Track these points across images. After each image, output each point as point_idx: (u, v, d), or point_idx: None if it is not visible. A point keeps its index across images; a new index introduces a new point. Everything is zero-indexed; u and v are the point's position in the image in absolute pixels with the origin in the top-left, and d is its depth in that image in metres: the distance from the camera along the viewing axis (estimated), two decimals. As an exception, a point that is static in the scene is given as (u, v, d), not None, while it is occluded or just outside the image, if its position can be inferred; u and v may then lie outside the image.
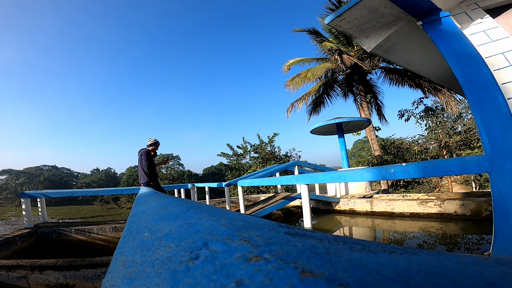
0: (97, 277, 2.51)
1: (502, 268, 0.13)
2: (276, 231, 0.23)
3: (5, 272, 2.61)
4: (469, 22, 2.10)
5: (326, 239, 0.20)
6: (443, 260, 0.14)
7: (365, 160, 15.40)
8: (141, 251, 0.25)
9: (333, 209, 5.86)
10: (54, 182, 45.49)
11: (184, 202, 0.54)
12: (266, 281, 0.13)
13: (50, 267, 2.58)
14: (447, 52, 1.98)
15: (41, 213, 5.10)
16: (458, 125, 14.50)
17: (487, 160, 1.68)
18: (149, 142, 4.50)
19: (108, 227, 4.47)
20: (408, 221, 4.30)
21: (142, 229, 0.35)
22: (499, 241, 1.62)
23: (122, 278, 0.19)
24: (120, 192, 7.32)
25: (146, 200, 0.82)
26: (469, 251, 2.82)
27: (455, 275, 0.12)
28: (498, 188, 1.63)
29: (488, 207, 3.74)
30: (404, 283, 0.11)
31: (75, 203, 32.59)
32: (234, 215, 0.34)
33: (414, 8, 2.09)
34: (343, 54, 10.68)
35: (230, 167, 15.82)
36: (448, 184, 12.68)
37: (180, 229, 0.28)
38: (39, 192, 5.03)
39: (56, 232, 4.45)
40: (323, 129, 7.90)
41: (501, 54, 1.91)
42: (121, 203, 23.96)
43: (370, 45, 2.60)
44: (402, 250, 0.17)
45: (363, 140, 41.78)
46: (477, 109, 1.79)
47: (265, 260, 0.15)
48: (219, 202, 7.59)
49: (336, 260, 0.15)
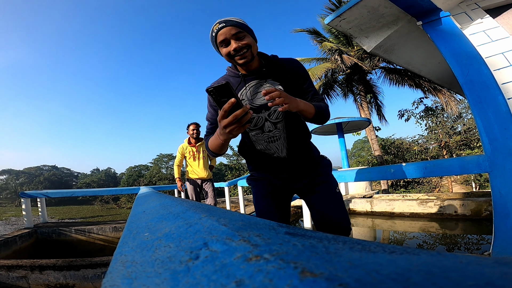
0: (97, 277, 2.51)
1: (502, 268, 0.13)
2: (276, 231, 0.23)
3: (5, 272, 2.61)
4: (469, 22, 2.10)
5: (326, 239, 0.20)
6: (443, 260, 0.14)
7: (365, 160, 15.41)
8: (141, 251, 0.25)
9: (333, 209, 5.84)
10: (54, 182, 45.51)
11: (184, 202, 0.54)
12: (266, 281, 0.13)
13: (50, 267, 2.58)
14: (447, 52, 1.98)
15: (41, 213, 5.10)
16: (458, 125, 14.50)
17: (487, 160, 1.68)
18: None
19: (108, 227, 4.47)
20: (408, 221, 4.30)
21: (142, 229, 0.35)
22: (499, 241, 1.62)
23: (122, 278, 0.19)
24: (120, 192, 7.33)
25: (146, 200, 0.82)
26: (469, 251, 2.82)
27: (455, 275, 0.12)
28: (498, 188, 1.63)
29: (488, 207, 3.74)
30: (404, 283, 0.11)
31: (75, 203, 32.60)
32: (234, 215, 0.34)
33: (414, 8, 2.09)
34: (343, 54, 10.68)
35: (230, 167, 15.83)
36: (448, 184, 12.68)
37: (180, 229, 0.28)
38: (39, 192, 5.03)
39: (56, 232, 4.45)
40: (323, 129, 7.90)
41: (501, 54, 1.91)
42: (121, 203, 23.98)
43: (370, 45, 2.60)
44: (402, 250, 0.17)
45: (363, 140, 41.78)
46: (477, 109, 1.79)
47: (265, 260, 0.15)
48: (219, 202, 7.59)
49: (336, 260, 0.15)
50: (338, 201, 1.26)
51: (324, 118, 1.15)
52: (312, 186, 1.28)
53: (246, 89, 1.15)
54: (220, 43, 1.03)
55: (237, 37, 1.01)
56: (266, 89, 0.86)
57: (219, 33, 1.01)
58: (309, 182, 1.28)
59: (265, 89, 0.88)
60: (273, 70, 1.15)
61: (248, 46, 1.03)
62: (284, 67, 1.16)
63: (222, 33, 1.00)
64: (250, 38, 1.05)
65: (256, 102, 1.16)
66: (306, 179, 1.28)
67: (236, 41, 1.01)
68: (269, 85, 1.14)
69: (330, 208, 1.23)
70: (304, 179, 1.28)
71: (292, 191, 1.34)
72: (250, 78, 1.14)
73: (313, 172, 1.29)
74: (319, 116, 1.12)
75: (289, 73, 1.16)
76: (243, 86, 1.15)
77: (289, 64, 1.17)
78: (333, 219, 1.23)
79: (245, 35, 1.03)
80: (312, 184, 1.28)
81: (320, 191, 1.26)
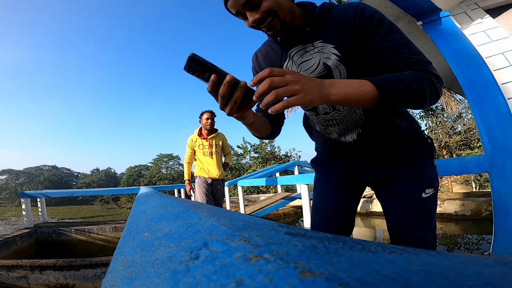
0: (97, 277, 2.51)
1: (502, 268, 0.13)
2: (276, 231, 0.23)
3: (5, 272, 2.61)
4: (469, 22, 2.10)
5: (326, 239, 0.20)
6: (443, 260, 0.14)
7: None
8: (141, 251, 0.25)
9: (333, 209, 5.84)
10: (54, 182, 45.53)
11: (184, 202, 0.54)
12: (266, 281, 0.13)
13: (50, 267, 2.58)
14: (447, 52, 1.98)
15: (41, 213, 5.10)
16: (458, 125, 14.51)
17: (487, 160, 1.68)
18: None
19: (108, 227, 4.47)
20: (408, 221, 4.30)
21: (142, 229, 0.35)
22: (499, 241, 1.62)
23: (122, 278, 0.19)
24: (120, 192, 7.34)
25: (146, 200, 0.82)
26: (469, 251, 2.83)
27: (455, 275, 0.12)
28: (498, 188, 1.63)
29: (488, 207, 3.74)
30: (403, 282, 0.11)
31: (75, 203, 32.61)
32: (234, 215, 0.34)
33: (414, 8, 2.09)
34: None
35: (230, 167, 15.84)
36: (448, 184, 12.68)
37: (180, 229, 0.28)
38: (39, 192, 5.03)
39: (56, 232, 4.45)
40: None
41: (501, 54, 1.91)
42: (121, 203, 24.00)
43: (370, 45, 2.60)
44: (402, 250, 0.17)
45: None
46: (477, 109, 1.79)
47: (265, 260, 0.15)
48: (219, 202, 7.58)
49: (336, 260, 0.15)
50: (421, 210, 0.83)
51: (414, 99, 0.62)
52: (389, 182, 0.89)
53: (289, 60, 0.83)
54: (237, 15, 0.74)
55: (251, 4, 0.69)
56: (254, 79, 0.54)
57: (228, 5, 0.72)
58: (386, 177, 0.89)
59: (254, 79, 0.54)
60: (322, 26, 0.77)
61: (271, 13, 0.70)
62: (341, 19, 0.75)
63: (231, 5, 0.71)
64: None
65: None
66: (384, 170, 0.89)
67: (252, 12, 0.70)
68: (317, 50, 0.77)
69: (404, 219, 0.85)
70: (382, 170, 0.89)
71: (362, 184, 0.98)
72: (290, 44, 0.81)
73: (397, 161, 0.87)
74: (394, 97, 0.60)
75: (348, 26, 0.74)
76: (286, 57, 0.84)
77: (347, 13, 0.75)
78: (406, 236, 0.85)
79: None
80: (390, 180, 0.89)
81: (398, 194, 0.86)
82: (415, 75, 0.64)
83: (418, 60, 0.68)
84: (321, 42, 0.78)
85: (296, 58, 0.82)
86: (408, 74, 0.64)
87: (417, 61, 0.68)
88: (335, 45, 0.76)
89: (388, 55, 0.70)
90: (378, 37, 0.71)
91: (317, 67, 0.79)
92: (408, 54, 0.69)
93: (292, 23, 0.75)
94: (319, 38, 0.78)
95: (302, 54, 0.80)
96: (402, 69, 0.68)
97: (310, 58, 0.80)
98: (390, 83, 0.61)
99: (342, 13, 0.76)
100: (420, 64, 0.68)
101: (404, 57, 0.69)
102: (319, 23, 0.77)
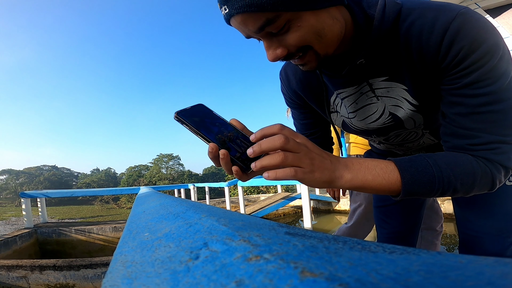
0: (97, 277, 2.51)
1: (502, 268, 0.13)
2: (276, 231, 0.23)
3: (5, 272, 2.61)
4: (469, 22, 2.10)
5: (326, 239, 0.20)
6: (443, 260, 0.14)
7: (365, 160, 15.41)
8: (141, 251, 0.25)
9: (333, 209, 5.86)
10: (54, 182, 45.54)
11: (184, 202, 0.54)
12: (266, 281, 0.13)
13: (50, 267, 2.58)
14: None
15: (41, 213, 5.10)
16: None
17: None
18: None
19: (108, 227, 4.47)
20: (408, 221, 4.30)
21: (142, 229, 0.35)
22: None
23: (122, 278, 0.19)
24: (120, 192, 7.35)
25: (146, 200, 0.82)
26: (469, 251, 2.82)
27: (455, 275, 0.12)
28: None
29: (488, 207, 3.74)
30: (403, 282, 0.11)
31: (75, 203, 32.62)
32: (234, 215, 0.34)
33: (414, 8, 2.09)
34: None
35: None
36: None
37: (180, 229, 0.28)
38: (39, 192, 5.04)
39: (56, 232, 4.46)
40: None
41: (501, 54, 1.91)
42: (121, 203, 24.03)
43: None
44: (402, 250, 0.17)
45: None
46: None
47: (265, 260, 0.15)
48: (219, 202, 7.60)
49: (336, 260, 0.15)
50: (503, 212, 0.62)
51: (451, 194, 0.45)
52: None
53: (337, 97, 0.61)
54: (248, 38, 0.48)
55: (267, 32, 0.43)
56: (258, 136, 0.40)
57: (231, 23, 0.45)
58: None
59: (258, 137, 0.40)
60: (384, 53, 0.49)
61: (305, 48, 0.45)
62: (415, 43, 0.45)
63: (236, 26, 0.45)
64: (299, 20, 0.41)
65: (360, 125, 0.62)
66: None
67: (270, 42, 0.45)
68: (380, 93, 0.54)
69: (481, 226, 0.64)
70: None
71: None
72: (337, 82, 0.57)
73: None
74: (422, 194, 0.45)
75: (426, 57, 0.45)
76: (332, 92, 0.61)
77: (428, 35, 0.44)
78: (483, 247, 0.65)
79: (280, 18, 0.40)
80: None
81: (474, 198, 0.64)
82: (474, 171, 0.43)
83: (497, 143, 0.44)
84: (385, 81, 0.52)
85: (348, 103, 0.59)
86: (464, 167, 0.44)
87: (495, 147, 0.44)
88: (408, 88, 0.51)
89: (460, 117, 0.45)
90: (465, 81, 0.43)
91: (380, 116, 0.58)
92: (493, 127, 0.43)
93: (336, 50, 0.49)
94: (382, 73, 0.52)
95: (357, 99, 0.57)
96: (466, 148, 0.45)
97: (369, 104, 0.57)
98: (425, 179, 0.43)
99: (418, 33, 0.45)
100: (495, 150, 0.44)
101: (479, 130, 0.44)
102: (379, 47, 0.48)
